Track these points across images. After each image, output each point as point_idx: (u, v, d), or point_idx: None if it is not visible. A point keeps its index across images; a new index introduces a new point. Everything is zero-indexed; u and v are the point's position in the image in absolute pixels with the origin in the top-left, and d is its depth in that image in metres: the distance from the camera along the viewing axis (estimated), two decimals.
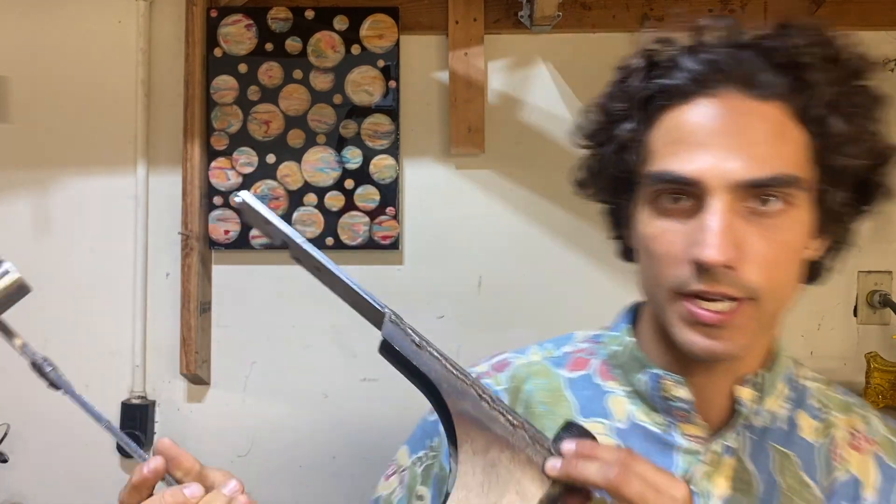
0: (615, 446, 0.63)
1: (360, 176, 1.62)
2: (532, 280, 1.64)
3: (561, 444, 0.59)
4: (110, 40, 1.68)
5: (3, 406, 1.65)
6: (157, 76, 1.68)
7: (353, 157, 1.62)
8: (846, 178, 0.63)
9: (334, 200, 1.62)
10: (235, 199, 0.61)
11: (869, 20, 1.60)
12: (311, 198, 1.62)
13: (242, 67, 1.63)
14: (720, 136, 0.60)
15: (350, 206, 1.62)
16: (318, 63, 1.63)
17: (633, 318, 0.75)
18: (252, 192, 1.62)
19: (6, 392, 1.66)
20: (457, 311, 1.66)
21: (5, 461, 1.62)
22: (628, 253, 0.73)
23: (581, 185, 0.73)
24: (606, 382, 0.72)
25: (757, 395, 0.67)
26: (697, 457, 0.66)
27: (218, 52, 1.63)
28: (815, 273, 0.68)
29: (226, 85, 1.63)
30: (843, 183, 0.63)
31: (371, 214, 1.62)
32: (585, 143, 0.71)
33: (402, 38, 1.63)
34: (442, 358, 0.62)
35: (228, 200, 1.63)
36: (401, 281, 1.66)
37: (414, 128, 1.66)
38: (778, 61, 0.62)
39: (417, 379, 0.62)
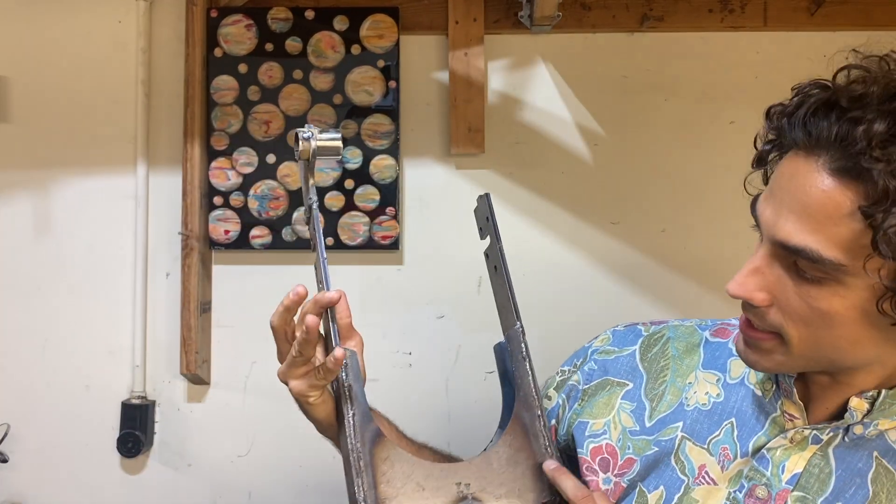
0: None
1: (360, 176, 1.62)
2: (532, 280, 1.64)
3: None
4: (110, 40, 1.68)
5: (3, 406, 1.65)
6: (157, 76, 1.68)
7: (353, 157, 1.62)
8: None
9: (334, 200, 1.62)
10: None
11: (869, 20, 1.60)
12: None
13: (242, 67, 1.63)
14: (785, 193, 0.62)
15: (350, 206, 1.62)
16: (318, 63, 1.63)
17: None
18: (252, 192, 1.62)
19: (6, 392, 1.66)
20: (457, 311, 1.66)
21: (5, 461, 1.62)
22: None
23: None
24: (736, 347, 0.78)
25: (868, 408, 0.67)
26: (785, 432, 0.69)
27: (218, 52, 1.63)
28: None
29: (226, 85, 1.63)
30: None
31: (371, 214, 1.62)
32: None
33: (402, 38, 1.63)
34: (532, 376, 0.77)
35: (229, 200, 1.63)
36: (401, 281, 1.66)
37: (414, 128, 1.66)
38: (855, 147, 0.58)
39: (506, 380, 0.80)
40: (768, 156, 0.67)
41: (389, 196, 1.62)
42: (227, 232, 1.63)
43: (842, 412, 0.68)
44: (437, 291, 1.65)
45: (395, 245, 1.62)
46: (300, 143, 0.80)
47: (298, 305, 0.75)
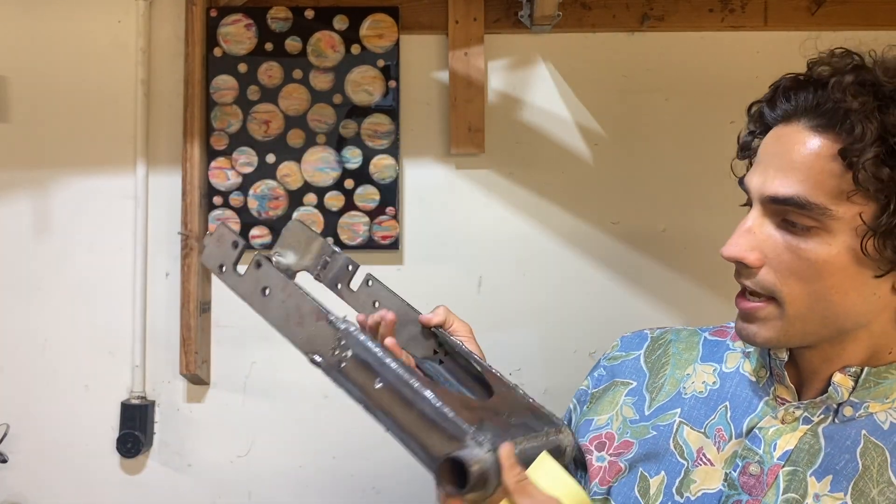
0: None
1: (360, 176, 1.62)
2: (532, 280, 1.64)
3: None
4: (110, 40, 1.68)
5: (3, 406, 1.65)
6: (157, 76, 1.68)
7: (353, 156, 1.62)
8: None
9: (334, 200, 1.62)
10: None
11: (869, 20, 1.60)
12: (311, 198, 1.62)
13: (242, 67, 1.63)
14: (772, 157, 0.68)
15: (350, 206, 1.62)
16: (317, 63, 1.63)
17: None
18: (252, 191, 1.62)
19: (6, 392, 1.66)
20: (457, 311, 1.64)
21: (5, 461, 1.62)
22: None
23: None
24: (733, 343, 0.82)
25: (852, 385, 0.69)
26: (776, 411, 0.72)
27: (218, 51, 1.63)
28: None
29: (226, 85, 1.63)
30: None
31: (371, 214, 1.62)
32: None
33: (402, 38, 1.63)
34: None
35: (228, 200, 1.63)
36: (401, 281, 1.65)
37: (414, 128, 1.66)
38: (829, 104, 0.65)
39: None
40: (751, 144, 0.73)
41: (389, 196, 1.62)
42: None
43: (828, 389, 0.70)
44: (437, 291, 1.65)
45: (395, 245, 1.62)
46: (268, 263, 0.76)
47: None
